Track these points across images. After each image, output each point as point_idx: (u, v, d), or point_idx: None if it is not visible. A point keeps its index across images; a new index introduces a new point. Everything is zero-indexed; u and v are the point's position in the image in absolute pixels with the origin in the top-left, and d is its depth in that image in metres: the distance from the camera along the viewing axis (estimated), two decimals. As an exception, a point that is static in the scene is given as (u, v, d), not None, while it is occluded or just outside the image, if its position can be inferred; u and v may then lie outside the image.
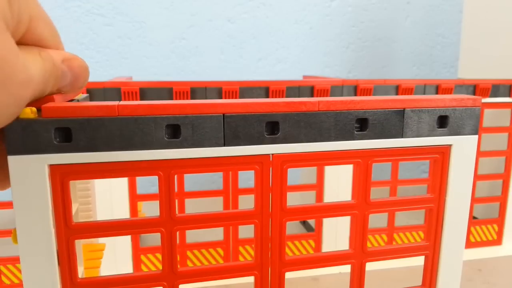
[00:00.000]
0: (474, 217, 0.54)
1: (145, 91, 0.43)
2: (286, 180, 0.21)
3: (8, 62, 0.15)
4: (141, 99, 0.43)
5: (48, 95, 0.19)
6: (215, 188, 0.77)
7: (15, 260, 0.40)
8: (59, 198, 0.19)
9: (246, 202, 0.31)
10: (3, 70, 0.15)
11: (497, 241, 0.52)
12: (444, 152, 0.23)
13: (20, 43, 0.17)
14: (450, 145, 0.23)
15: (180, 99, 0.43)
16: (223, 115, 0.19)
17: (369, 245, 0.23)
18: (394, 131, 0.22)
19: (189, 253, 0.45)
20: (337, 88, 0.47)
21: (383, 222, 0.50)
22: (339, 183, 0.47)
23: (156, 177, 0.20)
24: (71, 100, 0.22)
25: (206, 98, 0.44)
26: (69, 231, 0.19)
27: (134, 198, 0.43)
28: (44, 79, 0.18)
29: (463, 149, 0.23)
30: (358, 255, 0.23)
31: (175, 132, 0.19)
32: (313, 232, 0.47)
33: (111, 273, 0.21)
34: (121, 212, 0.41)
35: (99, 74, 0.73)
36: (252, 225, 0.22)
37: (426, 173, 0.91)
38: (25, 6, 0.17)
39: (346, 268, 0.24)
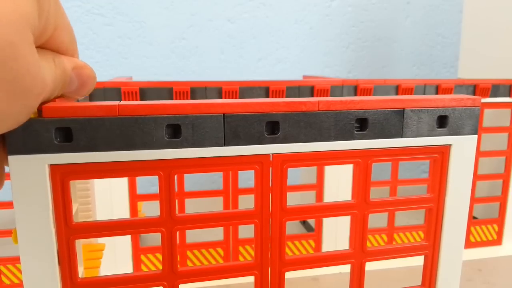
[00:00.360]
0: (474, 217, 0.54)
1: (145, 91, 0.43)
2: (286, 180, 0.21)
3: (31, 75, 0.15)
4: (141, 99, 0.43)
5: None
6: (215, 188, 0.77)
7: (15, 260, 0.40)
8: (59, 198, 0.19)
9: (246, 202, 0.31)
10: (25, 83, 0.15)
11: (497, 241, 0.52)
12: (443, 152, 0.23)
13: (38, 47, 0.17)
14: (449, 145, 0.23)
15: (180, 99, 0.43)
16: (223, 115, 0.19)
17: (369, 245, 0.23)
18: (394, 131, 0.22)
19: (189, 253, 0.45)
20: (337, 88, 0.47)
21: (383, 222, 0.50)
22: (339, 183, 0.47)
23: (156, 177, 0.20)
24: (71, 100, 0.22)
25: (206, 98, 0.44)
26: (69, 231, 0.19)
27: (134, 198, 0.43)
28: (54, 85, 0.18)
29: (462, 149, 0.23)
30: (358, 255, 0.23)
31: (175, 132, 0.19)
32: (313, 232, 0.47)
33: (111, 273, 0.21)
34: (121, 212, 0.41)
35: (99, 74, 0.72)
36: (252, 225, 0.22)
37: (426, 173, 0.91)
38: (53, 17, 0.17)
39: (346, 268, 0.24)
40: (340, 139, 0.21)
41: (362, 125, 0.21)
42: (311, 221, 0.51)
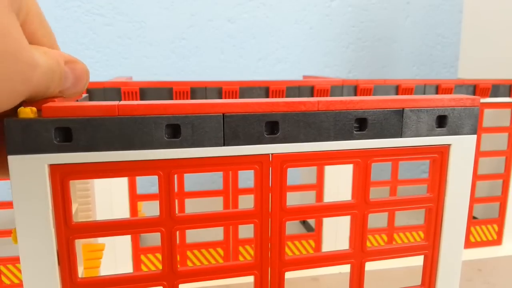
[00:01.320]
0: (474, 217, 0.54)
1: (145, 91, 0.43)
2: (285, 180, 0.21)
3: (16, 39, 0.15)
4: (141, 99, 0.43)
5: (49, 98, 0.19)
6: (215, 188, 0.77)
7: (15, 260, 0.40)
8: (59, 198, 0.19)
9: (246, 202, 0.31)
10: (11, 45, 0.15)
11: (497, 241, 0.52)
12: (443, 152, 0.23)
13: None
14: (449, 145, 0.23)
15: (180, 99, 0.43)
16: (223, 115, 0.19)
17: (369, 245, 0.23)
18: (393, 131, 0.22)
19: (189, 253, 0.45)
20: (337, 88, 0.47)
21: (383, 222, 0.50)
22: (339, 183, 0.47)
23: (156, 177, 0.20)
24: (71, 100, 0.22)
25: (206, 98, 0.44)
26: (69, 231, 0.19)
27: (134, 198, 0.43)
28: (48, 74, 0.17)
29: (462, 148, 0.23)
30: (357, 254, 0.23)
31: (175, 132, 0.19)
32: (313, 232, 0.47)
33: (111, 273, 0.21)
34: (121, 212, 0.41)
35: (99, 74, 0.73)
36: (252, 225, 0.22)
37: (426, 173, 0.91)
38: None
39: (346, 268, 0.24)
40: (340, 139, 0.21)
41: (362, 125, 0.21)
42: (311, 221, 0.51)
